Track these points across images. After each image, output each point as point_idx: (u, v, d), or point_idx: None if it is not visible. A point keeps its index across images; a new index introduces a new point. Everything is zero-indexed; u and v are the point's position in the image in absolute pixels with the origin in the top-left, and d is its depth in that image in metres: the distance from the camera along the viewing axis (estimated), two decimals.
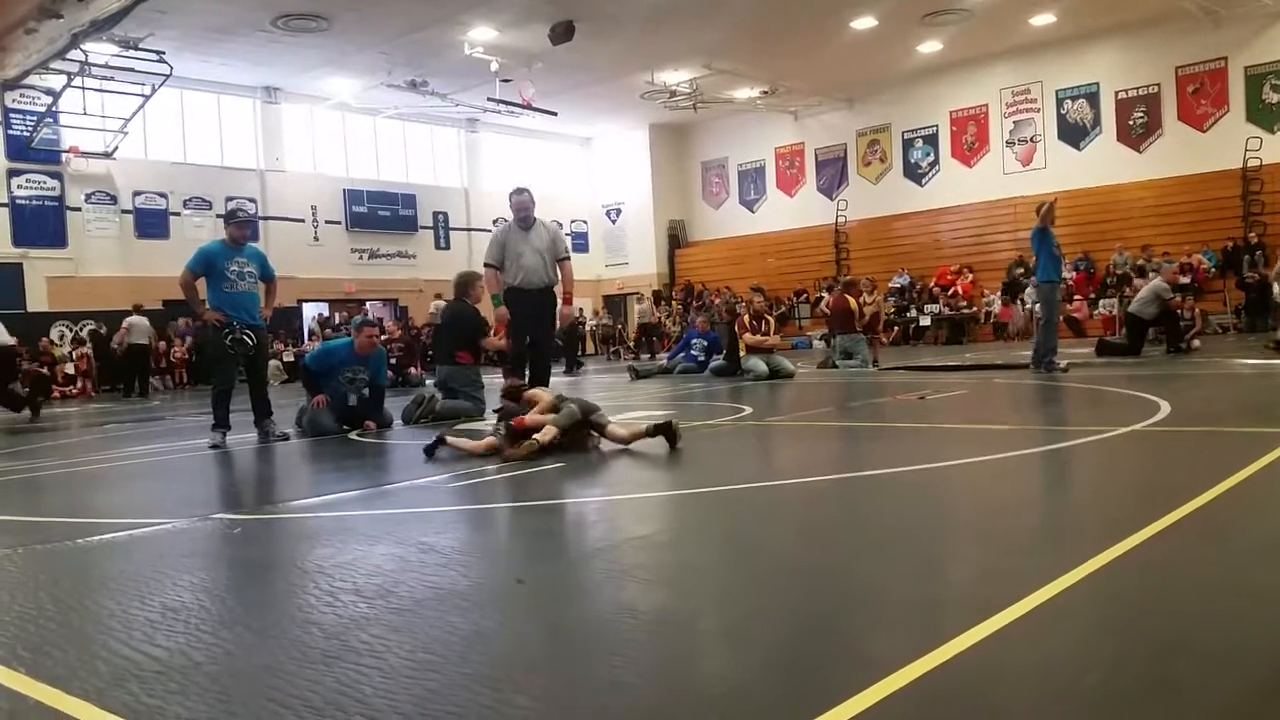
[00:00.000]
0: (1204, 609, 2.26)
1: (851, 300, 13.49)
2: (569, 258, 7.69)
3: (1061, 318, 10.43)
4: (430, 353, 17.56)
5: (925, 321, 22.77)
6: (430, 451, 5.71)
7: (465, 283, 8.35)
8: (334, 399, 7.71)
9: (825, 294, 20.91)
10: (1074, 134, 22.58)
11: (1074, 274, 21.59)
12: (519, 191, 7.65)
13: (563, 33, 18.51)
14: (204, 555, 3.48)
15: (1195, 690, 1.79)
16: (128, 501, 5.19)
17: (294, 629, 2.40)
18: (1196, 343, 13.39)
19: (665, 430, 5.45)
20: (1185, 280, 16.20)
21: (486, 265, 7.55)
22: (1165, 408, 6.17)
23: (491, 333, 8.44)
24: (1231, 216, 19.99)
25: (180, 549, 3.55)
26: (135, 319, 17.50)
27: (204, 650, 2.26)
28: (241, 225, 7.59)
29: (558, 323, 7.87)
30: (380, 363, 8.23)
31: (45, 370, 17.58)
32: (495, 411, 6.08)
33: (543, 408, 5.60)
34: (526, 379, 7.27)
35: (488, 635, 2.28)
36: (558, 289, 7.65)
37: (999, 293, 22.13)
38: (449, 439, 5.79)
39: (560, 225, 8.12)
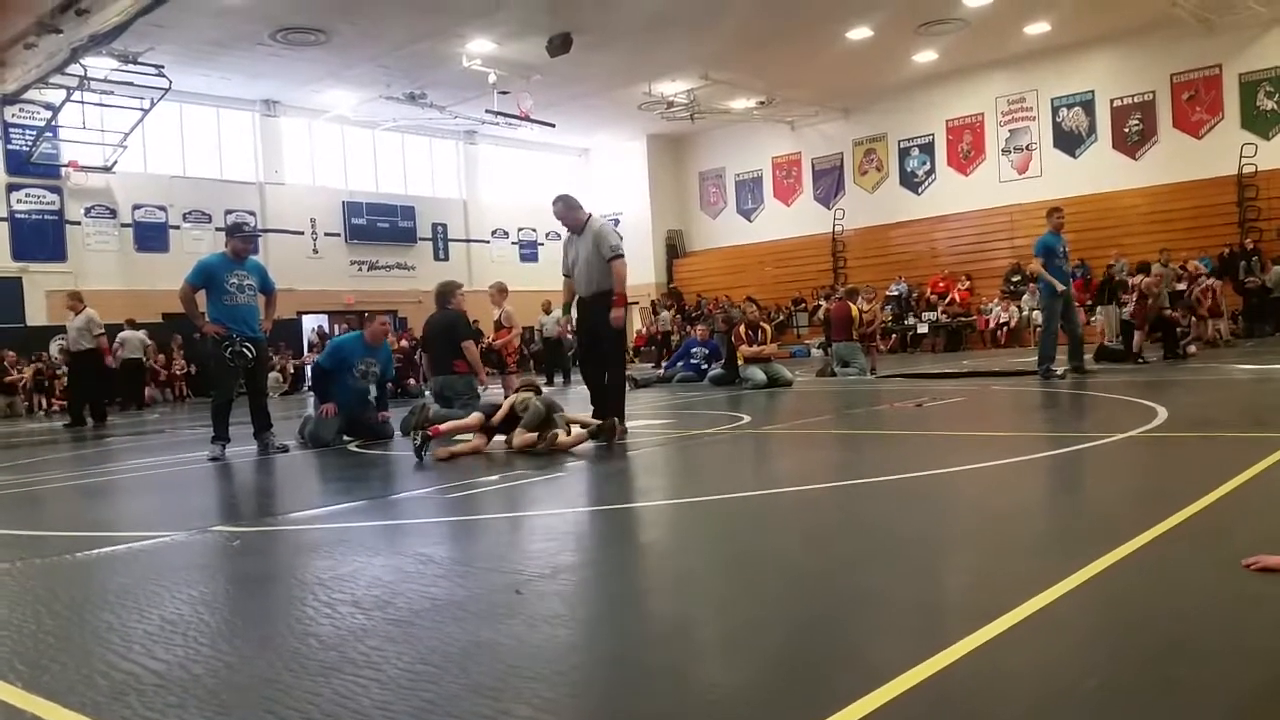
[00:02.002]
0: (1204, 612, 2.26)
1: (854, 308, 13.53)
2: (617, 256, 6.73)
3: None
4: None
5: (923, 329, 22.78)
6: (420, 452, 6.08)
7: (446, 292, 8.39)
8: (344, 397, 7.78)
9: (823, 302, 20.95)
10: (1070, 142, 22.64)
11: (1072, 280, 21.60)
12: (554, 201, 6.98)
13: (560, 45, 18.56)
14: (203, 568, 3.48)
15: (1196, 692, 1.80)
16: (127, 514, 5.18)
17: (292, 641, 2.40)
18: (1193, 349, 13.40)
19: (605, 431, 6.13)
20: (1181, 287, 16.21)
21: (564, 276, 7.09)
22: (1163, 413, 6.18)
23: (489, 338, 8.55)
24: (1228, 223, 20.02)
25: (179, 562, 3.55)
26: (128, 333, 17.69)
27: (203, 663, 2.26)
28: (247, 240, 7.64)
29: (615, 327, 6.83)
30: (388, 355, 8.42)
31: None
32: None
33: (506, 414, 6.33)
34: (593, 386, 6.93)
35: (487, 646, 2.28)
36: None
37: (997, 300, 22.16)
38: (438, 427, 6.38)
39: (550, 239, 7.75)
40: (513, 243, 27.71)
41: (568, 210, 6.91)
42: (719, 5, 17.63)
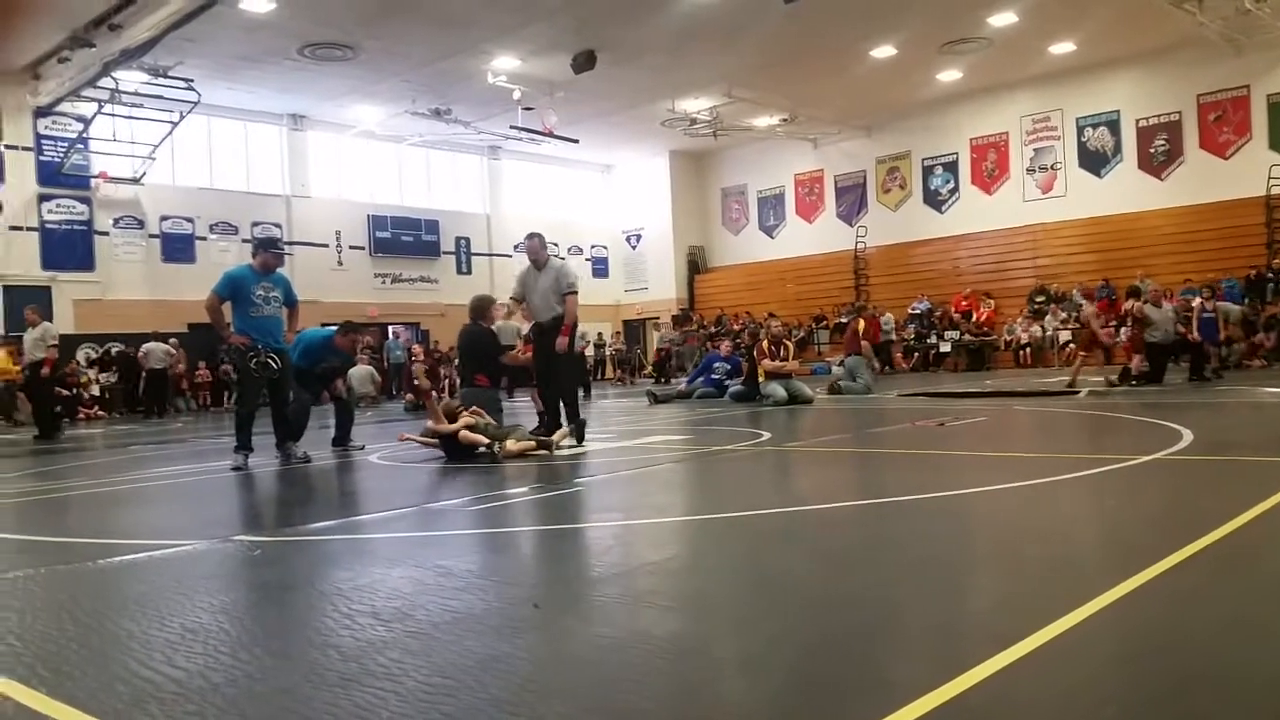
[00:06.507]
0: (1225, 641, 2.23)
1: (861, 323, 13.80)
2: (572, 292, 7.78)
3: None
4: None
5: (945, 348, 22.64)
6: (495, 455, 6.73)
7: (480, 306, 8.44)
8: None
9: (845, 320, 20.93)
10: (1095, 161, 22.51)
11: (1096, 301, 21.42)
12: (529, 236, 8.10)
13: (584, 62, 18.70)
14: (224, 577, 3.51)
15: None
16: (149, 523, 5.23)
17: (312, 651, 2.41)
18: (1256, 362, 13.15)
19: (545, 444, 7.04)
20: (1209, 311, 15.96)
21: (514, 299, 8.13)
22: (1187, 436, 6.11)
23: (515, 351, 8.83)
24: (1255, 244, 19.80)
25: (200, 571, 3.58)
26: (152, 345, 18.17)
27: (222, 672, 2.28)
28: (278, 256, 7.73)
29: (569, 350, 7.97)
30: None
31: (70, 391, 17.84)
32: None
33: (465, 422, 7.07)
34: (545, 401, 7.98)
35: (504, 659, 2.28)
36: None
37: (1020, 319, 21.99)
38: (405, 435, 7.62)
39: (571, 254, 8.60)
40: None
41: (540, 247, 7.95)
42: (743, 23, 17.70)
